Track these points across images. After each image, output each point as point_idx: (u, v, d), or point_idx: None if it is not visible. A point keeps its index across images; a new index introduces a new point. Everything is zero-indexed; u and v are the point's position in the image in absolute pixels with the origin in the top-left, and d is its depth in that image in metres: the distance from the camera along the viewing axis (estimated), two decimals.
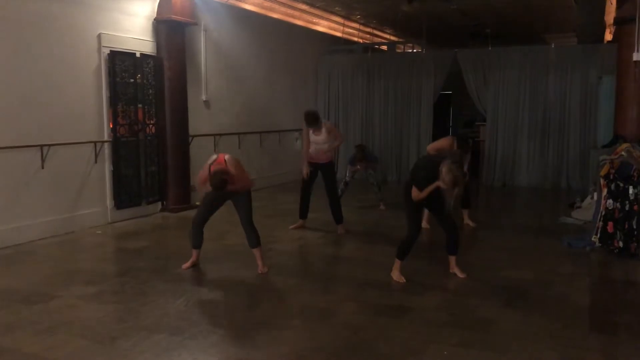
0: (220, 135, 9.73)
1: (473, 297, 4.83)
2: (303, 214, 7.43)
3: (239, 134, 10.28)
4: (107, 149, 7.68)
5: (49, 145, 6.81)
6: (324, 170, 7.16)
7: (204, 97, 9.48)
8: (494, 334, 4.03)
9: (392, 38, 14.98)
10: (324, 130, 7.02)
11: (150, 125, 8.38)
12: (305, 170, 7.10)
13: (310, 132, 7.04)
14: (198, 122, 9.16)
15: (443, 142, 6.91)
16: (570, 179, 11.03)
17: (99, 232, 7.29)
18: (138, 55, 8.04)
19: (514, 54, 11.33)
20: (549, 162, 11.19)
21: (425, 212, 6.74)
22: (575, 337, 3.98)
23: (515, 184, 11.36)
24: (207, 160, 5.28)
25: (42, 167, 6.78)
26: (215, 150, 9.64)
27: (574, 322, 4.25)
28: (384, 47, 14.95)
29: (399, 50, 14.98)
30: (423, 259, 5.84)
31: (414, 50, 14.91)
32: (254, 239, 5.47)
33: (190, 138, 8.92)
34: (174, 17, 8.23)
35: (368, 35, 14.12)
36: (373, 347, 3.71)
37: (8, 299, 4.69)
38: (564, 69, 10.94)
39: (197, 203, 8.97)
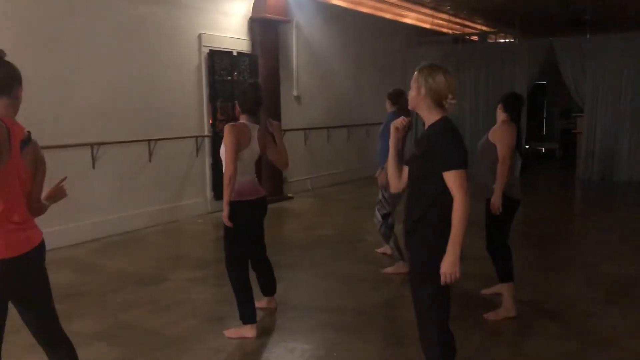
0: (311, 129, 10.00)
1: (571, 290, 4.75)
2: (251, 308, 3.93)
3: (328, 128, 10.51)
4: (207, 143, 8.13)
5: (156, 140, 7.31)
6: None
7: (295, 93, 9.77)
8: (593, 328, 3.96)
9: (484, 28, 14.64)
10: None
11: None
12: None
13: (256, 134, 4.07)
14: (290, 116, 9.44)
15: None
16: None
17: (200, 221, 7.75)
18: (235, 53, 8.43)
19: (614, 42, 10.77)
20: None
21: None
22: None
23: (615, 179, 10.82)
24: None
25: (150, 160, 7.30)
26: (305, 144, 9.94)
27: None
28: (475, 38, 14.66)
29: (490, 41, 14.63)
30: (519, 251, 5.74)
31: (507, 40, 14.51)
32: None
33: (282, 132, 9.22)
34: (268, 15, 8.55)
35: (458, 26, 13.89)
36: (468, 336, 3.76)
37: (124, 281, 5.14)
38: None
39: (290, 195, 9.38)
